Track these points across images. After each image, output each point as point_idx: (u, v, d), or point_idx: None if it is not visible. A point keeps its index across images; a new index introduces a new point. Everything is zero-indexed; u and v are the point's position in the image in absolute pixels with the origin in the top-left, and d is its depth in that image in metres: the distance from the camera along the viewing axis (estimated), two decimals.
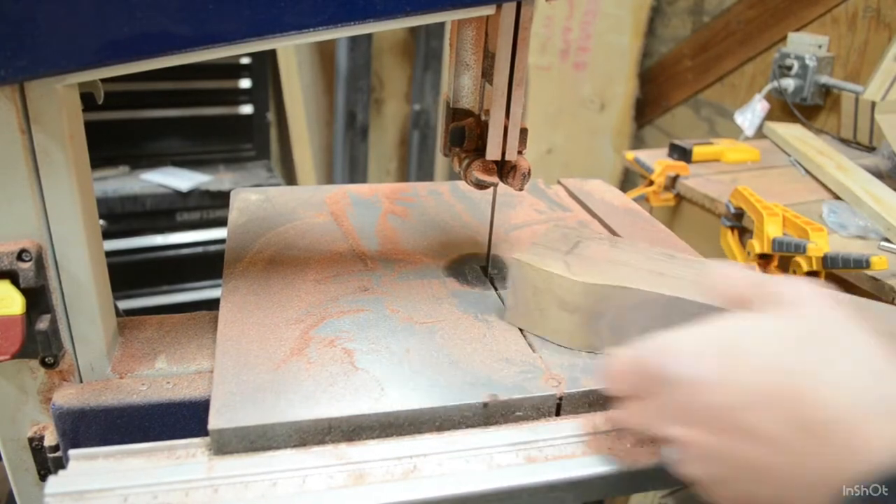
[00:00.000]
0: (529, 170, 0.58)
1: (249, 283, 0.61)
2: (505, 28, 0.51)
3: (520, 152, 0.58)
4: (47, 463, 0.53)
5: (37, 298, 0.48)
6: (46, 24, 0.40)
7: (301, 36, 0.46)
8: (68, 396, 0.50)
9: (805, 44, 1.55)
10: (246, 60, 1.79)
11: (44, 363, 0.50)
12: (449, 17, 0.51)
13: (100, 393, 0.50)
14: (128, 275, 1.65)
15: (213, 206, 1.68)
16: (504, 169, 0.59)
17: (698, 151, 1.33)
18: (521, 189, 0.59)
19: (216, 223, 1.71)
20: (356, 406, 0.47)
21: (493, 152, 0.57)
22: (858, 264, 0.87)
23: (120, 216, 1.59)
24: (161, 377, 0.53)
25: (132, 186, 1.61)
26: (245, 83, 1.81)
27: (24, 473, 0.55)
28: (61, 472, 0.43)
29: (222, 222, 1.70)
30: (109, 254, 0.58)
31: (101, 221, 1.55)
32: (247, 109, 1.84)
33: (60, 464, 0.52)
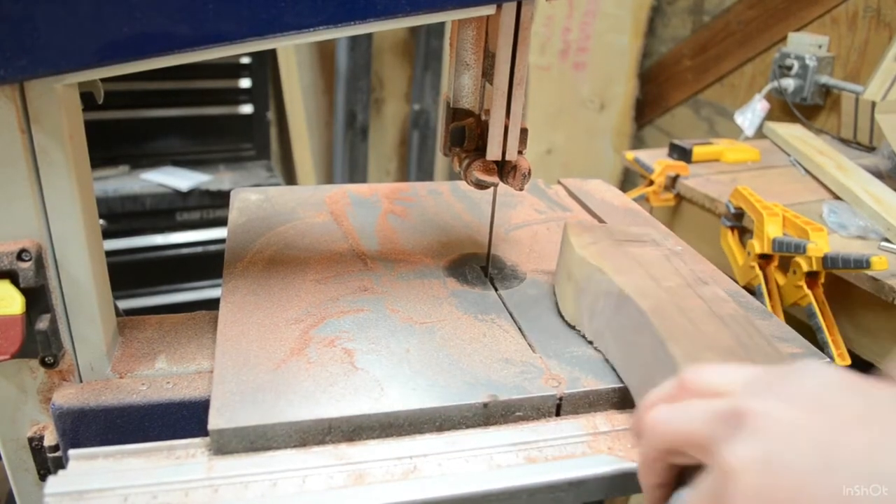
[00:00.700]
0: (529, 170, 0.59)
1: (249, 283, 0.61)
2: (505, 28, 0.51)
3: (520, 152, 0.58)
4: (47, 463, 0.53)
5: (37, 298, 0.48)
6: (46, 24, 0.40)
7: (301, 36, 0.46)
8: (68, 396, 0.50)
9: (805, 44, 1.55)
10: (246, 60, 1.78)
11: (44, 363, 0.50)
12: (449, 17, 0.51)
13: (100, 393, 0.50)
14: (128, 275, 1.65)
15: (213, 206, 1.68)
16: (504, 169, 0.59)
17: (698, 151, 1.33)
18: (522, 189, 0.59)
19: (216, 223, 1.71)
20: (356, 406, 0.47)
21: (493, 152, 0.57)
22: (858, 264, 0.87)
23: (120, 216, 1.59)
24: (161, 377, 0.53)
25: (132, 186, 1.60)
26: (245, 83, 1.81)
27: (23, 473, 0.55)
28: (61, 472, 0.43)
29: (222, 222, 1.71)
30: (109, 254, 0.58)
31: (101, 221, 1.55)
32: (247, 109, 1.84)
33: (60, 464, 0.52)
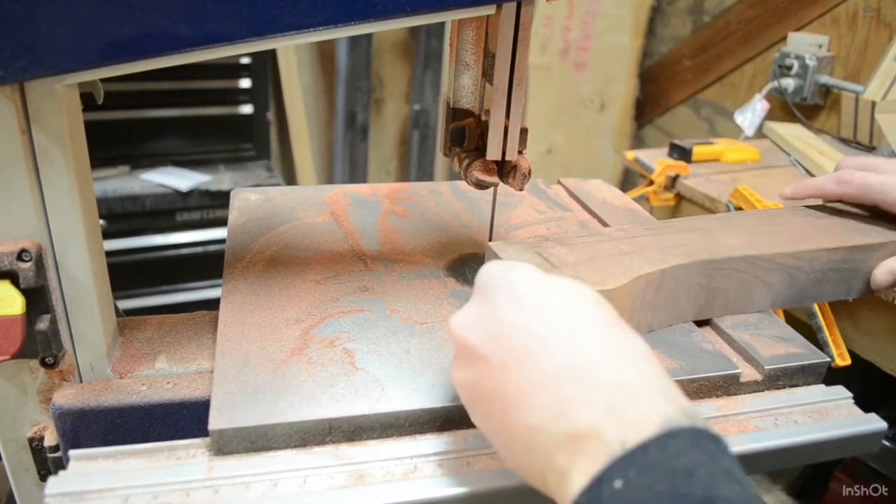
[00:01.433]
0: (529, 170, 0.58)
1: (249, 284, 0.61)
2: (505, 28, 0.51)
3: (520, 152, 0.58)
4: (47, 463, 0.53)
5: (37, 298, 0.48)
6: (46, 24, 0.40)
7: (301, 36, 0.46)
8: (68, 396, 0.50)
9: (805, 44, 1.55)
10: (246, 60, 1.78)
11: (44, 363, 0.50)
12: (449, 17, 0.51)
13: (100, 393, 0.50)
14: (128, 275, 1.65)
15: (213, 206, 1.68)
16: (504, 169, 0.59)
17: (698, 151, 1.33)
18: (522, 189, 0.59)
19: (216, 223, 1.71)
20: (357, 406, 0.47)
21: (493, 152, 0.57)
22: None
23: (120, 216, 1.59)
24: (161, 377, 0.53)
25: (132, 186, 1.60)
26: (245, 83, 1.81)
27: (24, 474, 0.55)
28: (61, 472, 0.43)
29: (222, 222, 1.71)
30: (109, 254, 0.58)
31: (101, 221, 1.55)
32: (247, 109, 1.84)
33: (60, 464, 0.52)
